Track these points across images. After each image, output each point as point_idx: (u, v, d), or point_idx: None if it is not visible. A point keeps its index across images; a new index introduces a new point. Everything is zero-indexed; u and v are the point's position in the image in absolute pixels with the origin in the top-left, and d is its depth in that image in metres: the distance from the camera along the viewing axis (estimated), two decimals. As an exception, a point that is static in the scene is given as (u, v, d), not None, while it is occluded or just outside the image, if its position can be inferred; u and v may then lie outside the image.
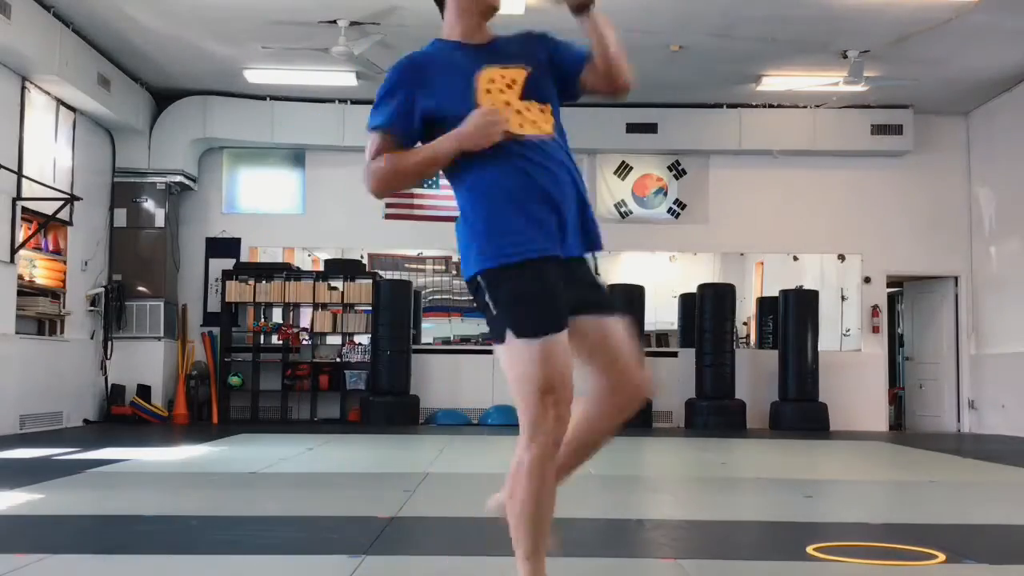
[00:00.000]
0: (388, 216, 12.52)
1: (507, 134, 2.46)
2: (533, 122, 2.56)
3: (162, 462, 6.80)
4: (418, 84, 2.57)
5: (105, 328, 11.34)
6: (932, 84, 11.18)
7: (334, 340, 12.22)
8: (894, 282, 13.19)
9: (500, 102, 2.52)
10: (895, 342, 13.75)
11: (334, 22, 9.48)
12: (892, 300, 13.59)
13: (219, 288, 12.04)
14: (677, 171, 12.61)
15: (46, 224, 10.05)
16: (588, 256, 2.67)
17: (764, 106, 12.23)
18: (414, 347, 12.03)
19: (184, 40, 10.21)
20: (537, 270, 2.42)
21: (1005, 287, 11.62)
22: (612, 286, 12.07)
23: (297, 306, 12.25)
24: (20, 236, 9.51)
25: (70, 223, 10.60)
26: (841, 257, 12.87)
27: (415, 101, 2.57)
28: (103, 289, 11.31)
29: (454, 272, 14.80)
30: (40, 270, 10.19)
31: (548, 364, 2.36)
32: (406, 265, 14.46)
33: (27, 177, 9.53)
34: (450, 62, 2.59)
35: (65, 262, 10.62)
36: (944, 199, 12.48)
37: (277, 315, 12.34)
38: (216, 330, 12.04)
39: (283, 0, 9.11)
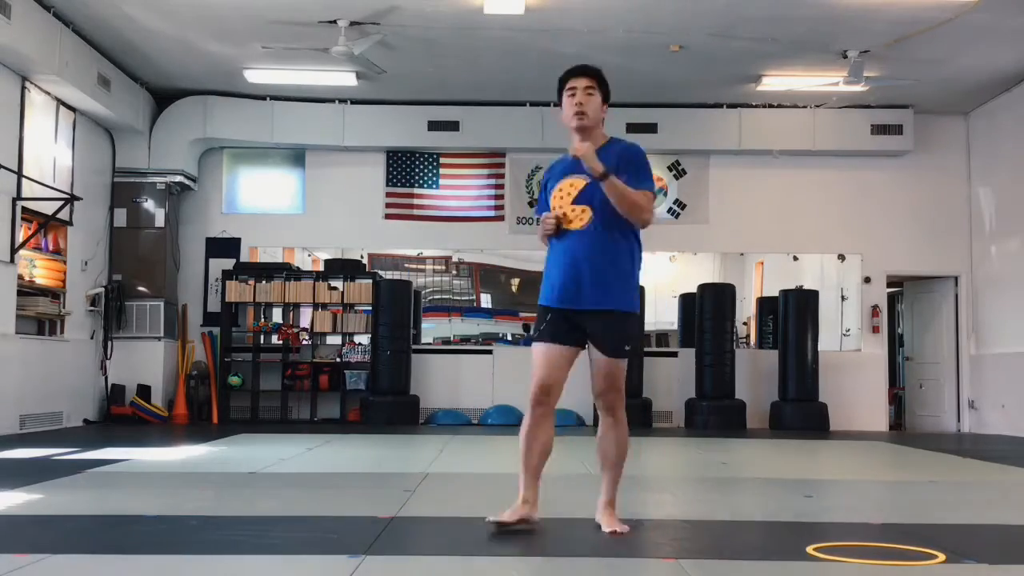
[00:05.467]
0: (388, 216, 12.53)
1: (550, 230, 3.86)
2: (574, 220, 3.84)
3: (162, 462, 6.79)
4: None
5: (105, 328, 11.34)
6: (932, 84, 11.19)
7: (334, 340, 12.22)
8: (894, 282, 13.19)
9: (555, 205, 3.90)
10: (895, 342, 13.75)
11: (334, 22, 9.48)
12: (892, 300, 13.59)
13: (219, 288, 12.04)
14: (677, 171, 12.61)
15: (46, 224, 10.05)
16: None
17: (764, 106, 12.24)
18: (414, 347, 12.03)
19: (184, 40, 10.21)
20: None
21: (1005, 287, 11.62)
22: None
23: (297, 306, 12.25)
24: (20, 236, 9.51)
25: (70, 223, 10.60)
26: (841, 257, 12.87)
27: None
28: (103, 289, 11.32)
29: (454, 272, 14.80)
30: (40, 270, 10.19)
31: None
32: (406, 265, 14.45)
33: (27, 177, 9.53)
34: (560, 170, 4.02)
35: (65, 262, 10.62)
36: (944, 199, 12.48)
37: (277, 315, 12.34)
38: (216, 330, 12.04)
39: (283, 0, 9.11)
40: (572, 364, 3.88)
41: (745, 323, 14.32)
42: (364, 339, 12.13)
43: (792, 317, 11.88)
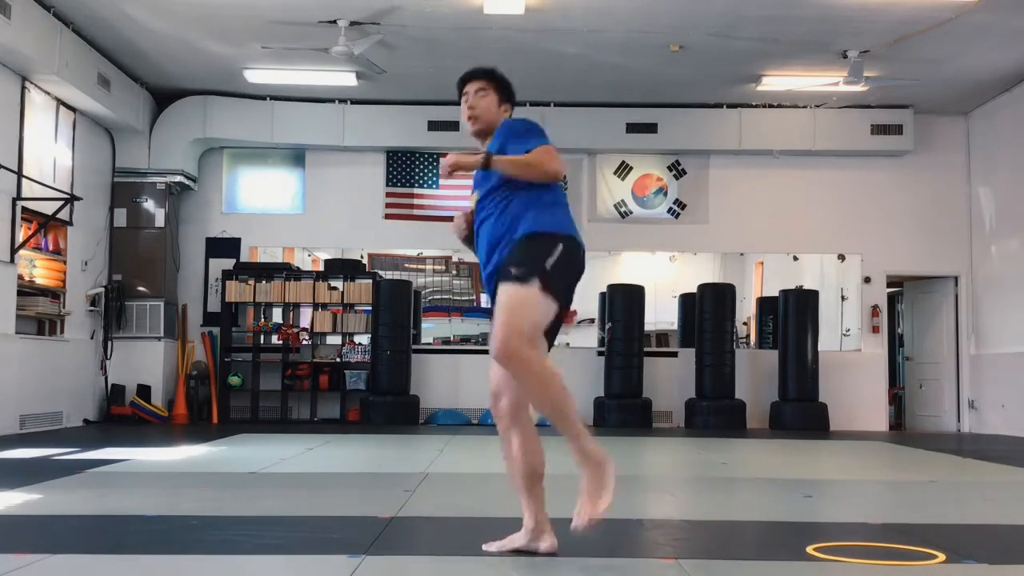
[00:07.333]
0: (388, 216, 12.53)
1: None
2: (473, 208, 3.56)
3: (162, 462, 6.80)
4: None
5: (105, 328, 11.34)
6: (932, 84, 11.18)
7: (334, 340, 12.22)
8: (894, 282, 13.19)
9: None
10: (895, 342, 13.75)
11: (334, 22, 9.48)
12: (892, 300, 13.59)
13: (219, 288, 12.04)
14: (677, 171, 12.61)
15: (46, 224, 10.05)
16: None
17: (764, 106, 12.23)
18: (414, 347, 12.03)
19: (184, 40, 10.21)
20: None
21: (1005, 287, 11.62)
22: (612, 286, 12.08)
23: (297, 306, 12.25)
24: (20, 236, 9.51)
25: (70, 223, 10.60)
26: (841, 257, 12.87)
27: None
28: (103, 289, 11.31)
29: (454, 272, 14.79)
30: (40, 270, 10.19)
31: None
32: (406, 265, 14.45)
33: (27, 177, 9.53)
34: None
35: (65, 262, 10.62)
36: (944, 199, 12.49)
37: (277, 315, 12.34)
38: (216, 330, 12.04)
39: (283, 0, 9.11)
40: None
41: (745, 323, 14.32)
42: (364, 339, 12.13)
43: (792, 317, 11.88)
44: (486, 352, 4.15)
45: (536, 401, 3.23)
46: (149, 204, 11.83)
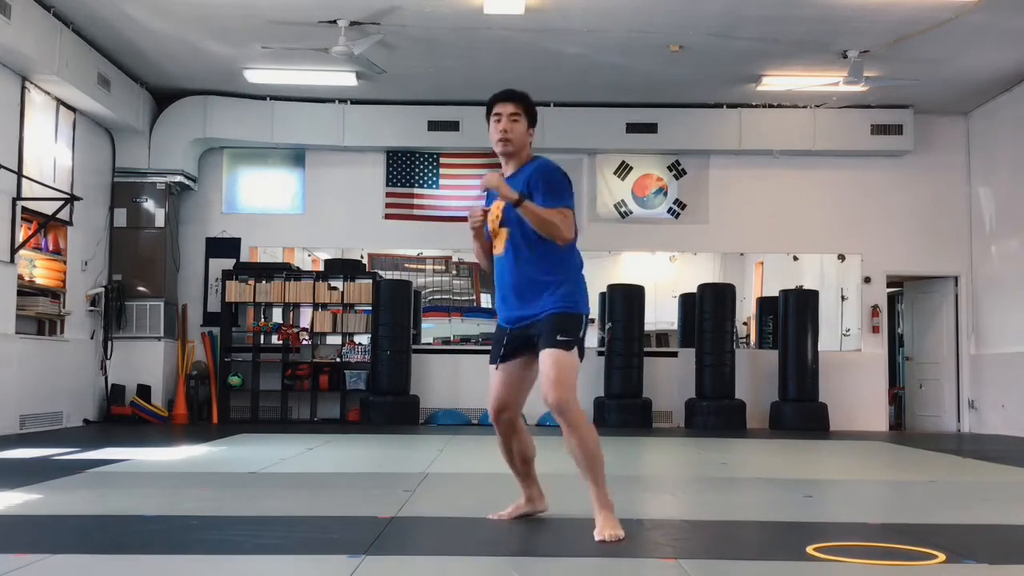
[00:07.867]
0: (388, 216, 12.53)
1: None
2: (497, 244, 4.01)
3: (162, 462, 6.79)
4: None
5: (105, 328, 11.34)
6: (932, 84, 11.19)
7: (334, 340, 12.22)
8: (894, 282, 13.20)
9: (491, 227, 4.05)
10: (895, 342, 13.75)
11: (334, 22, 9.48)
12: (892, 300, 13.59)
13: (219, 288, 12.04)
14: (677, 171, 12.61)
15: (46, 224, 10.05)
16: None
17: (764, 106, 12.23)
18: (414, 347, 12.03)
19: (184, 40, 10.21)
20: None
21: (1005, 287, 11.62)
22: (612, 286, 12.09)
23: (297, 306, 12.25)
24: (20, 236, 9.51)
25: (70, 223, 10.60)
26: (841, 257, 12.87)
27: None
28: (103, 289, 11.32)
29: (454, 272, 14.80)
30: (40, 270, 10.19)
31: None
32: (406, 265, 14.45)
33: (27, 177, 9.53)
34: (494, 194, 4.05)
35: (65, 262, 10.62)
36: (944, 199, 12.49)
37: (277, 315, 12.34)
38: (216, 330, 12.04)
39: (283, 0, 9.11)
40: (526, 372, 4.00)
41: (745, 323, 14.32)
42: (364, 339, 12.13)
43: (792, 317, 11.88)
44: (486, 352, 4.21)
45: (577, 447, 3.77)
46: (149, 204, 11.83)
